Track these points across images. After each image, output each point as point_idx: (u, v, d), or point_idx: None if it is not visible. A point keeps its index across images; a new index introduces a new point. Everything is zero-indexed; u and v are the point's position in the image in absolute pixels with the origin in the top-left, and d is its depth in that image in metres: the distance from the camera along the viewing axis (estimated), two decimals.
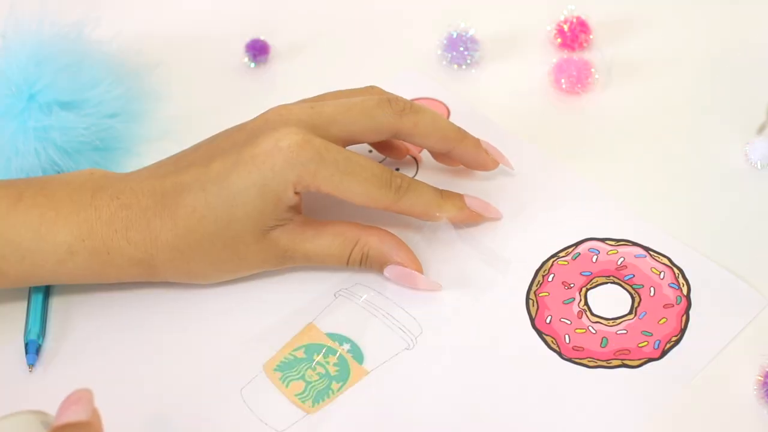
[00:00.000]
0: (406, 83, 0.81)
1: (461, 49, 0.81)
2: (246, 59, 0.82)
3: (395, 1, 0.87)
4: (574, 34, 0.81)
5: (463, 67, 0.82)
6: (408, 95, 0.78)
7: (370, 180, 0.66)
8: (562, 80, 0.79)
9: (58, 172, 0.74)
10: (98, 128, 0.75)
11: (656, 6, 0.85)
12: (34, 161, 0.73)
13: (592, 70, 0.80)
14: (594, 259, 0.70)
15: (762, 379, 0.64)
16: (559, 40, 0.82)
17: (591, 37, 0.82)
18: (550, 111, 0.79)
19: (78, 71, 0.75)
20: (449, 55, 0.81)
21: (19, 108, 0.73)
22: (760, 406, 0.64)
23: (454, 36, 0.81)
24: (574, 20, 0.82)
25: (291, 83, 0.82)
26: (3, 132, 0.74)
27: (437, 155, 0.74)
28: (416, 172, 0.75)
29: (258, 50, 0.82)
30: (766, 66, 0.80)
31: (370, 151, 0.76)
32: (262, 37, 0.82)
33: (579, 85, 0.79)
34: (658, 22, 0.84)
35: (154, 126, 0.80)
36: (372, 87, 0.72)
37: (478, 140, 0.72)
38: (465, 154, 0.72)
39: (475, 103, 0.79)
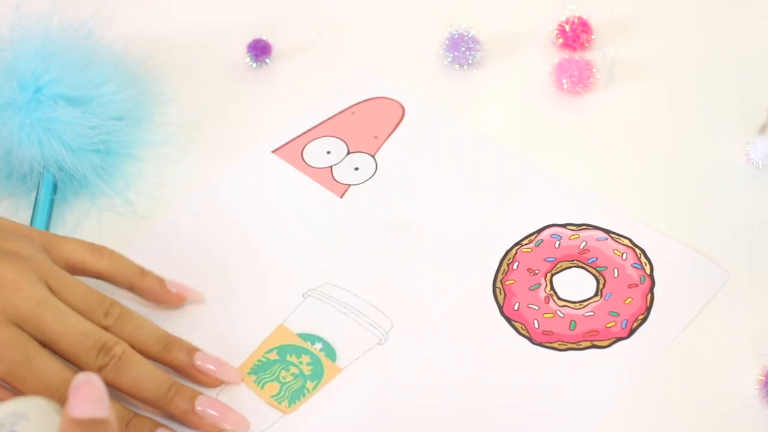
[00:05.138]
0: (363, 84, 0.81)
1: (463, 49, 0.81)
2: (248, 59, 0.82)
3: (397, 1, 0.87)
4: (575, 34, 0.81)
5: (465, 67, 0.82)
6: (364, 96, 0.79)
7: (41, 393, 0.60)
8: (564, 80, 0.79)
9: (61, 168, 0.74)
10: (104, 130, 0.75)
11: (657, 6, 0.85)
12: (37, 153, 0.73)
13: (594, 70, 0.80)
14: (557, 245, 0.71)
15: (763, 378, 0.64)
16: (560, 40, 0.82)
17: (592, 37, 0.82)
18: (552, 111, 0.79)
19: (85, 68, 0.75)
20: (451, 55, 0.81)
21: (24, 99, 0.73)
22: (761, 405, 0.64)
23: (456, 36, 0.81)
24: (576, 20, 0.82)
25: (293, 83, 0.82)
26: (7, 123, 0.73)
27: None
28: (375, 171, 0.76)
29: (260, 50, 0.82)
30: (767, 65, 0.80)
31: (329, 152, 0.76)
32: (263, 37, 0.82)
33: (580, 85, 0.79)
34: (660, 22, 0.84)
35: (155, 130, 0.79)
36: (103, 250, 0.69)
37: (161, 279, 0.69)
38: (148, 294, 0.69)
39: (473, 104, 0.80)
